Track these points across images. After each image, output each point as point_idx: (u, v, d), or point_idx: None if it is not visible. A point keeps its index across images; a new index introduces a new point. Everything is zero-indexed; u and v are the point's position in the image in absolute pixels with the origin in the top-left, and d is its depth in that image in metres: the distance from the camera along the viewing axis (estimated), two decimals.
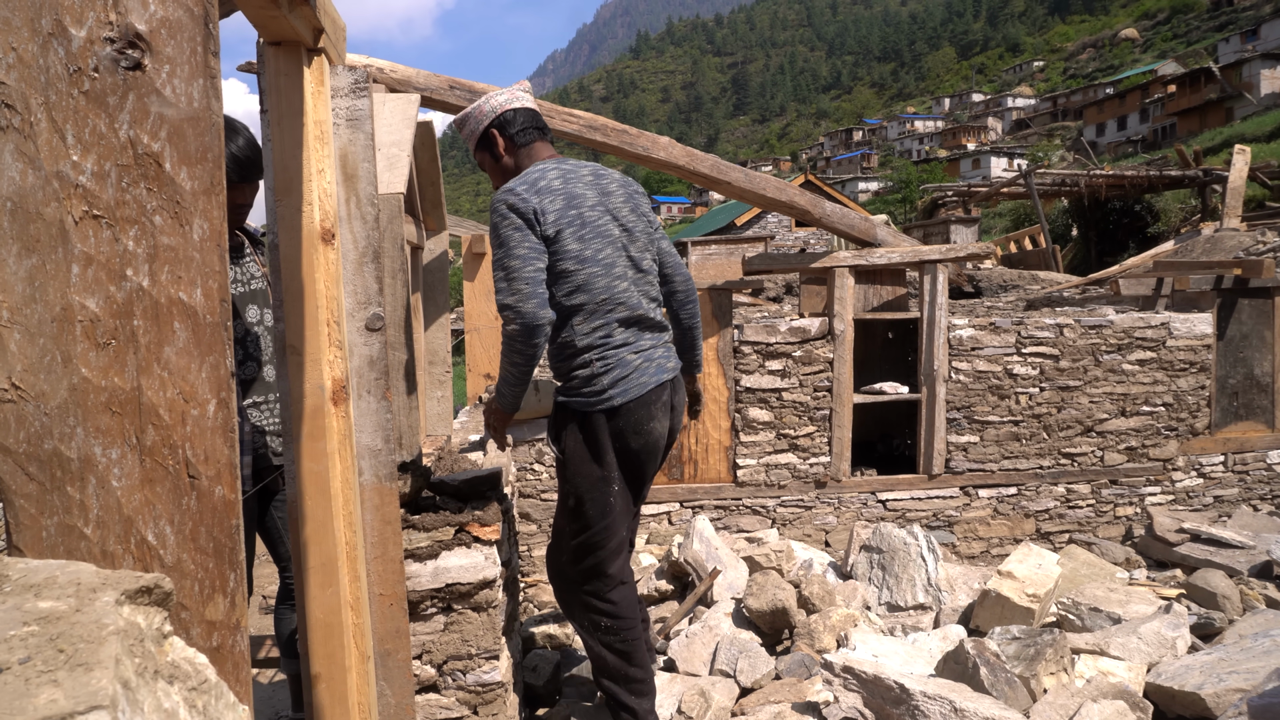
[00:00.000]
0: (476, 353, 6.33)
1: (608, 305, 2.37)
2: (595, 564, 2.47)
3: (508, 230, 2.30)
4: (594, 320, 2.36)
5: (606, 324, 2.36)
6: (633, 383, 2.37)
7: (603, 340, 2.36)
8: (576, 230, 2.34)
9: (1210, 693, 2.73)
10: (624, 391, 2.36)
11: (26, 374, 0.85)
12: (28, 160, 0.85)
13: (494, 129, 2.50)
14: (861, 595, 3.78)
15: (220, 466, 0.94)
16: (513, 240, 2.29)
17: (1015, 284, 11.41)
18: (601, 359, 2.36)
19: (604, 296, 2.36)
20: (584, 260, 2.35)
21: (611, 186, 2.50)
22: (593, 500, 2.42)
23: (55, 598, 0.62)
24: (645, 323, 2.45)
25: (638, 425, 2.39)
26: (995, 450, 5.19)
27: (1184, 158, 17.34)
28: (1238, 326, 5.50)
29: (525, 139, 2.50)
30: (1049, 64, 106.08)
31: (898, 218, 34.69)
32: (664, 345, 2.53)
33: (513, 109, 2.49)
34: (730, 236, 20.12)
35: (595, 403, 2.36)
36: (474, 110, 2.51)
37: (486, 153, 2.55)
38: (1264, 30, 51.49)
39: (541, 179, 2.36)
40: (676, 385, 2.55)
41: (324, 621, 1.57)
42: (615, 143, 4.34)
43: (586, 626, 2.52)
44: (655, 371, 2.43)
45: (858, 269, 5.04)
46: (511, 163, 2.51)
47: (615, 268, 2.40)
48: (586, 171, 2.47)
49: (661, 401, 2.44)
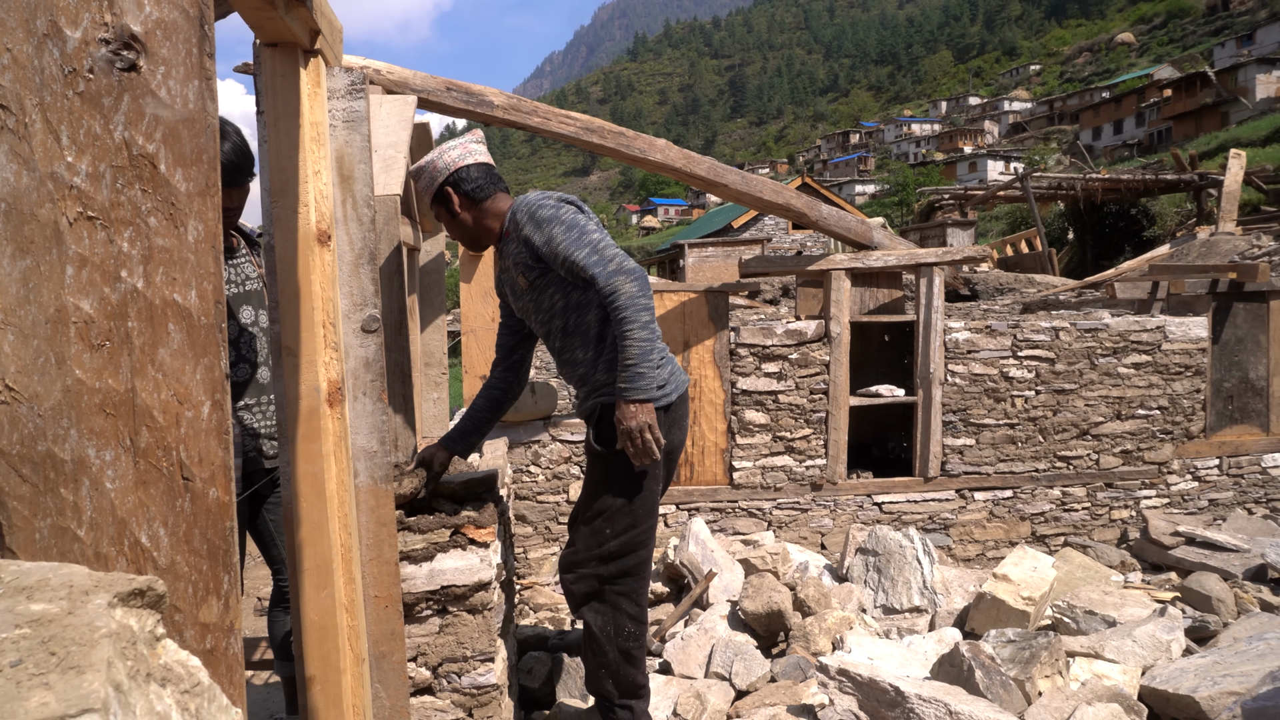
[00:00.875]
0: (473, 354, 6.33)
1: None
2: (637, 563, 2.43)
3: (571, 215, 2.29)
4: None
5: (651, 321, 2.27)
6: (679, 378, 2.42)
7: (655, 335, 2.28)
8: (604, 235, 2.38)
9: (1205, 696, 2.74)
10: (677, 386, 2.39)
11: (20, 375, 0.85)
12: (22, 161, 0.85)
13: (449, 186, 2.46)
14: (857, 598, 3.78)
15: (214, 469, 0.94)
16: (582, 222, 2.28)
17: (1011, 287, 11.43)
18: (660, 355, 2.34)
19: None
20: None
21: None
22: (644, 499, 2.39)
23: (47, 600, 0.61)
24: None
25: (682, 419, 2.43)
26: (991, 453, 5.20)
27: (1180, 162, 17.40)
28: (1233, 330, 5.51)
29: (482, 195, 2.47)
30: (1045, 68, 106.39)
31: (894, 221, 34.75)
32: None
33: (466, 165, 2.46)
34: (727, 239, 20.16)
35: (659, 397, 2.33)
36: (428, 165, 2.48)
37: (442, 207, 2.51)
38: (1260, 35, 51.69)
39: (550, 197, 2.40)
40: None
41: (319, 624, 1.57)
42: (612, 145, 4.35)
43: (608, 631, 2.46)
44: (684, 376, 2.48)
45: (854, 272, 5.05)
46: (469, 219, 2.49)
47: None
48: None
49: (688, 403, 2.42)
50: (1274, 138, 29.43)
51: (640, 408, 2.22)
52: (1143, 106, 48.93)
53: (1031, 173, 17.72)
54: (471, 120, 4.05)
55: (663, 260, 27.64)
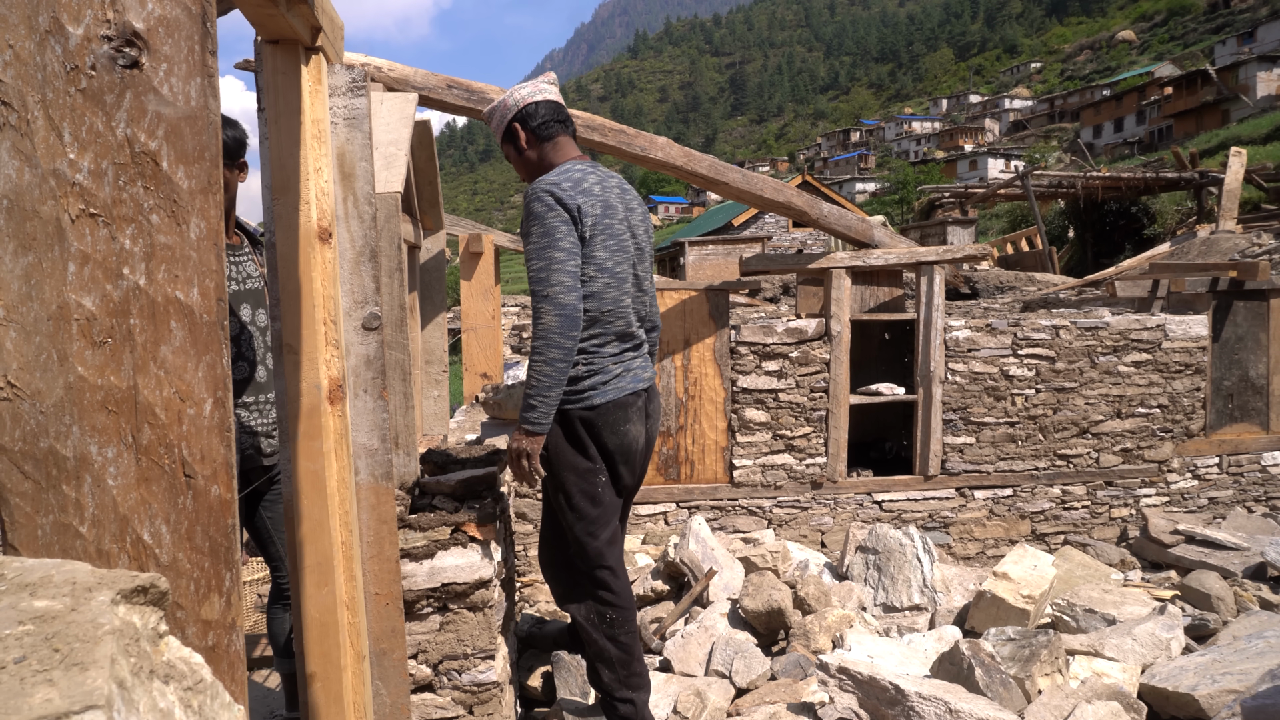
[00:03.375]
0: (473, 351, 6.33)
1: (609, 316, 2.43)
2: (595, 554, 2.50)
3: (554, 221, 2.29)
4: (594, 328, 2.42)
5: (604, 333, 2.43)
6: (611, 387, 2.45)
7: (595, 347, 2.42)
8: (605, 239, 2.39)
9: (1204, 694, 2.74)
10: (602, 394, 2.43)
11: (22, 372, 0.85)
12: (24, 158, 0.85)
13: (516, 122, 2.51)
14: (857, 596, 3.78)
15: (216, 466, 0.94)
16: (559, 232, 2.29)
17: (1012, 285, 11.43)
18: (588, 363, 2.42)
19: (610, 308, 2.42)
20: (604, 270, 2.39)
21: (634, 203, 2.59)
22: (582, 491, 2.46)
23: (50, 597, 0.61)
24: (631, 338, 2.54)
25: (614, 425, 2.45)
26: (991, 451, 5.20)
27: (1180, 160, 17.40)
28: (1233, 329, 5.51)
29: (547, 132, 2.50)
30: (1046, 65, 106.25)
31: (895, 219, 34.73)
32: (642, 357, 2.61)
33: (534, 102, 2.50)
34: (727, 237, 20.13)
35: (576, 401, 2.41)
36: (499, 104, 2.54)
37: (510, 145, 2.55)
38: (1260, 33, 51.61)
39: (584, 180, 2.38)
40: (652, 394, 2.62)
41: (319, 621, 1.57)
42: (613, 143, 4.34)
43: (591, 620, 2.54)
44: (632, 380, 2.51)
45: (855, 270, 5.05)
46: (535, 156, 2.52)
47: (626, 283, 2.47)
48: (615, 183, 2.51)
49: (637, 407, 2.50)
50: (1275, 135, 29.40)
51: (526, 438, 2.32)
52: (1143, 104, 48.87)
53: (1032, 171, 17.71)
54: (473, 118, 4.04)
55: (663, 258, 27.63)
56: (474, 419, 4.64)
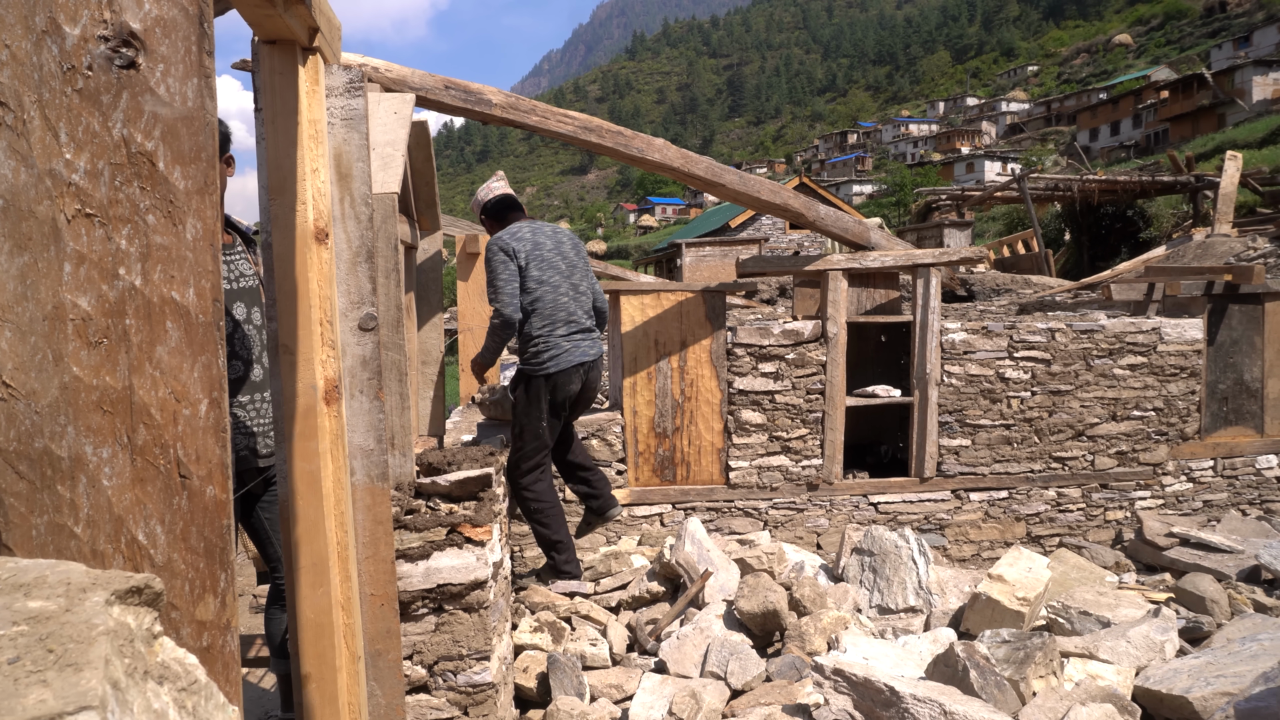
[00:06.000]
0: (470, 352, 6.32)
1: (552, 312, 3.73)
2: (528, 468, 3.79)
3: (498, 261, 3.67)
4: (543, 321, 3.71)
5: (551, 324, 3.73)
6: (562, 360, 3.73)
7: (547, 333, 3.72)
8: (537, 263, 3.70)
9: (1198, 696, 2.75)
10: (556, 363, 3.72)
11: (17, 372, 0.85)
12: (20, 158, 0.85)
13: (483, 215, 4.00)
14: (853, 598, 3.79)
15: (212, 466, 0.94)
16: (501, 267, 3.66)
17: (1008, 288, 11.46)
18: (545, 343, 3.72)
19: (550, 308, 3.72)
20: (540, 283, 3.70)
21: (564, 238, 3.88)
22: (531, 431, 3.77)
23: (45, 597, 0.61)
24: (576, 325, 3.80)
25: (562, 385, 3.75)
26: (986, 454, 5.21)
27: (1176, 163, 17.44)
28: (1228, 332, 5.53)
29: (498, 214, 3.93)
30: (1043, 69, 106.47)
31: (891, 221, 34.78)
32: (589, 339, 3.85)
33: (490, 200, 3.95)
34: (724, 239, 20.16)
35: (537, 368, 3.73)
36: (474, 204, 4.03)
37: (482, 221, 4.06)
38: (1256, 37, 51.82)
39: (519, 232, 3.73)
40: (594, 364, 3.85)
41: (315, 621, 1.57)
42: (610, 144, 4.35)
43: (529, 511, 3.83)
44: (578, 355, 3.77)
45: (851, 272, 5.06)
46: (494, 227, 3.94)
47: (560, 289, 3.75)
48: (548, 229, 3.83)
49: (579, 373, 3.79)
50: (1270, 139, 29.51)
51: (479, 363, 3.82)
52: (1140, 108, 49.03)
53: (1028, 173, 17.73)
54: (470, 118, 4.05)
55: (660, 259, 27.63)
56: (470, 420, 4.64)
